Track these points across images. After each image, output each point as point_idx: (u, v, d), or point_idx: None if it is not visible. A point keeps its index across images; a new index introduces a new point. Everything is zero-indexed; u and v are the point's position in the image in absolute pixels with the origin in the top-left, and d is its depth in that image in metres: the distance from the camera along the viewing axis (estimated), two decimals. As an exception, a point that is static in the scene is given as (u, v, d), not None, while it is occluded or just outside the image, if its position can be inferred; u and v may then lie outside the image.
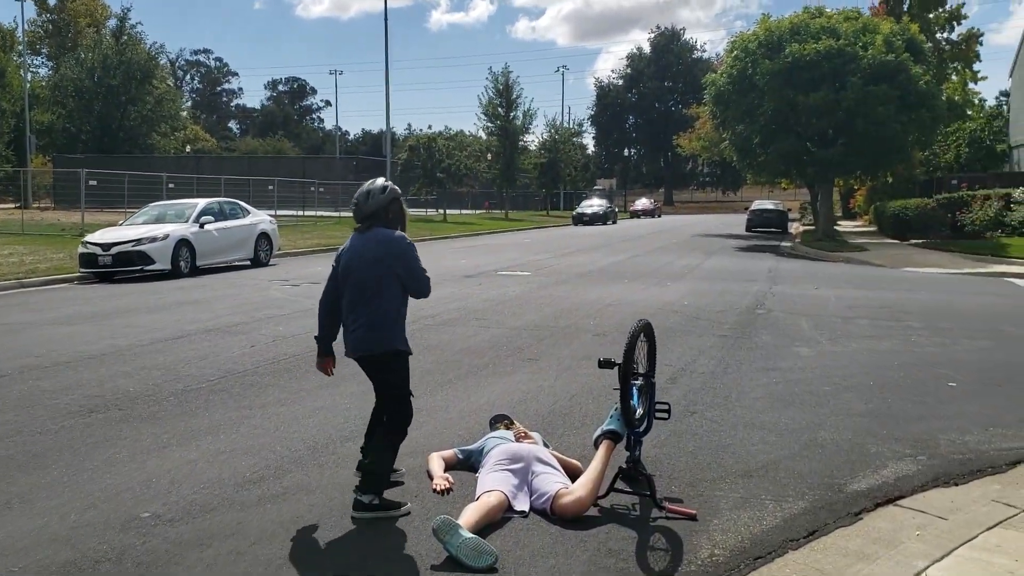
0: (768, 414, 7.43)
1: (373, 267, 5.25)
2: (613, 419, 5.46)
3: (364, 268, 5.26)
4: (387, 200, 5.32)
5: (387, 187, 5.35)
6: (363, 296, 5.25)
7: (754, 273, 20.58)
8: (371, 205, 5.30)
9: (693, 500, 5.36)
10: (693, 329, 11.78)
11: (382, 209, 5.31)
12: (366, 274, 5.24)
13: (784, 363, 9.61)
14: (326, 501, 5.23)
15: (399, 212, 5.40)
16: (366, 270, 5.25)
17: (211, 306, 13.81)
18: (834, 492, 5.59)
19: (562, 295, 15.45)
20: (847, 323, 12.61)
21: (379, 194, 5.32)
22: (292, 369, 8.90)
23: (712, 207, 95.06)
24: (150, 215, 21.45)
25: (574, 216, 54.97)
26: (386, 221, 5.32)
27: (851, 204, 58.61)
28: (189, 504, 5.15)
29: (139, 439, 6.45)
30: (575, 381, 8.44)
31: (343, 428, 6.80)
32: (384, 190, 5.33)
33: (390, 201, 5.33)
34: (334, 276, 5.40)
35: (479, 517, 4.71)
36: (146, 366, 8.98)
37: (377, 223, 5.32)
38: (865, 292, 16.77)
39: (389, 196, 5.34)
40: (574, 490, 5.02)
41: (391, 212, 5.34)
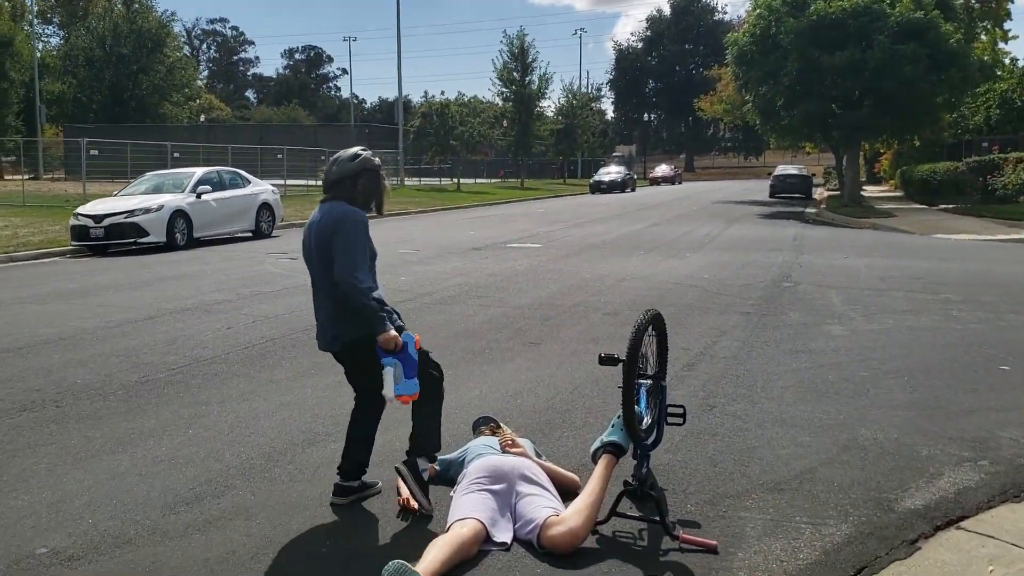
0: (799, 407, 6.47)
1: (323, 246, 4.47)
2: (615, 428, 4.52)
3: (317, 247, 4.51)
4: (355, 170, 4.57)
5: (358, 155, 4.61)
6: (318, 279, 4.57)
7: (779, 242, 19.50)
8: (335, 173, 4.58)
9: (713, 523, 4.43)
10: (713, 306, 10.79)
11: (348, 179, 4.57)
12: (317, 254, 4.52)
13: (815, 344, 8.63)
14: (268, 529, 4.33)
15: (371, 187, 4.62)
16: (317, 249, 4.51)
17: (197, 282, 12.94)
18: (883, 511, 4.63)
19: (572, 269, 14.47)
20: (881, 296, 11.58)
21: (347, 162, 4.59)
22: (265, 355, 8.00)
23: (734, 173, 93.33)
24: (147, 185, 20.59)
25: (591, 184, 53.79)
26: (352, 195, 4.55)
27: (876, 168, 57.05)
28: (100, 534, 4.26)
29: (67, 445, 5.57)
30: (579, 369, 7.49)
31: (308, 429, 5.90)
32: (354, 158, 4.60)
33: (359, 171, 4.57)
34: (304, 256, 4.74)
35: (447, 555, 3.80)
36: (104, 352, 8.11)
37: (341, 195, 4.55)
38: (897, 261, 15.70)
39: (359, 166, 4.58)
40: (566, 518, 4.08)
41: (360, 185, 4.58)
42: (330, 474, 5.02)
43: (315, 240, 4.51)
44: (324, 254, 4.46)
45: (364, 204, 4.59)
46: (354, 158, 4.58)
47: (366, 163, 4.59)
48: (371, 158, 4.63)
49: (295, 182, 38.85)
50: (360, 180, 4.55)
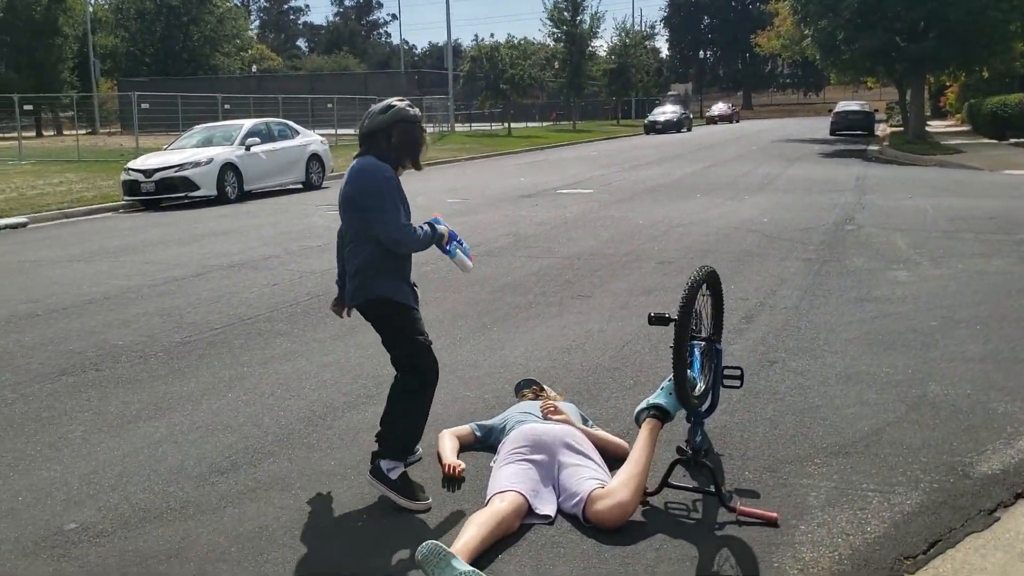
0: (865, 361, 6.11)
1: (345, 203, 4.23)
2: (664, 391, 4.23)
3: (341, 203, 4.26)
4: (388, 122, 4.19)
5: (392, 107, 4.22)
6: (346, 235, 4.32)
7: (840, 182, 18.81)
8: (368, 127, 4.24)
9: (773, 492, 4.14)
10: (773, 252, 10.37)
11: (381, 132, 4.20)
12: (343, 210, 4.26)
13: (880, 291, 8.21)
14: (303, 501, 4.15)
15: (407, 139, 4.23)
16: (342, 205, 4.26)
17: (245, 237, 12.84)
18: (957, 477, 4.30)
19: (625, 215, 14.07)
20: (949, 239, 11.04)
21: (378, 115, 4.21)
22: (310, 312, 7.84)
23: (793, 110, 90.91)
24: (197, 138, 20.51)
25: (646, 124, 52.78)
26: (386, 149, 4.21)
27: (942, 102, 54.98)
28: (131, 508, 4.12)
29: (104, 411, 5.46)
30: (630, 323, 7.20)
31: (350, 391, 5.71)
32: (386, 110, 4.21)
33: (393, 123, 4.18)
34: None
35: (486, 533, 3.58)
36: (148, 312, 8.02)
37: (374, 150, 4.22)
38: (966, 200, 15.01)
39: (392, 117, 4.19)
40: (613, 491, 3.83)
41: (394, 138, 4.20)
42: (371, 440, 4.81)
43: (342, 197, 4.24)
44: (345, 213, 4.23)
45: (399, 160, 4.24)
46: (386, 109, 4.21)
47: (400, 114, 4.20)
48: (406, 108, 4.23)
49: (346, 131, 38.68)
50: (394, 133, 4.19)
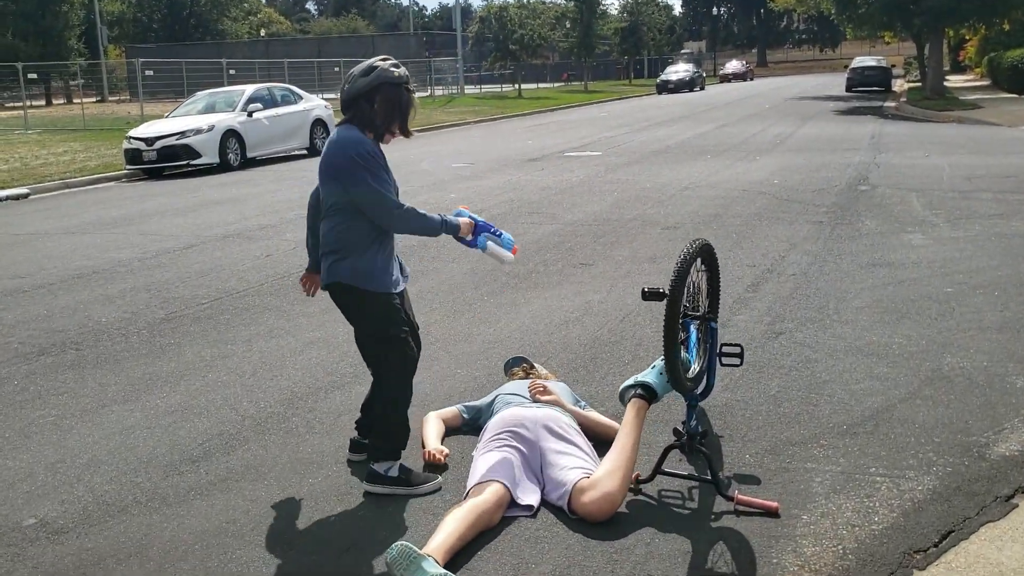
0: (876, 331, 5.82)
1: (324, 173, 3.84)
2: (655, 370, 3.95)
3: (321, 172, 3.87)
4: (371, 85, 3.75)
5: (374, 68, 3.77)
6: (319, 208, 3.95)
7: (855, 140, 18.36)
8: (348, 92, 3.79)
9: (775, 478, 3.89)
10: (783, 215, 10.04)
11: (363, 97, 3.77)
12: (322, 180, 3.87)
13: (894, 256, 7.89)
14: (276, 492, 3.92)
15: (392, 105, 3.80)
16: (321, 175, 3.87)
17: (243, 206, 12.59)
18: (972, 459, 4.03)
19: (632, 178, 13.72)
20: (966, 199, 10.67)
21: (359, 78, 3.77)
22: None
23: (809, 67, 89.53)
24: (199, 105, 20.22)
25: (658, 84, 52.00)
26: (369, 116, 3.79)
27: (961, 56, 53.91)
28: (95, 501, 3.91)
29: (79, 394, 5.24)
30: (631, 294, 6.91)
31: (335, 370, 5.48)
32: (369, 71, 3.76)
33: (376, 86, 3.75)
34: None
35: (464, 529, 3.33)
36: (135, 287, 7.79)
37: (357, 118, 3.81)
38: (984, 159, 14.57)
39: (375, 80, 3.75)
40: (598, 481, 3.57)
41: (378, 103, 3.77)
42: (352, 423, 4.59)
43: (320, 166, 3.86)
44: (324, 184, 3.84)
45: (385, 126, 3.83)
46: (368, 71, 3.76)
47: (383, 76, 3.74)
48: (390, 69, 3.78)
49: (354, 95, 38.34)
50: (378, 97, 3.76)
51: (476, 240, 4.04)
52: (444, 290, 7.21)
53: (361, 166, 3.70)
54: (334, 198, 3.81)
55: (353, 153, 3.72)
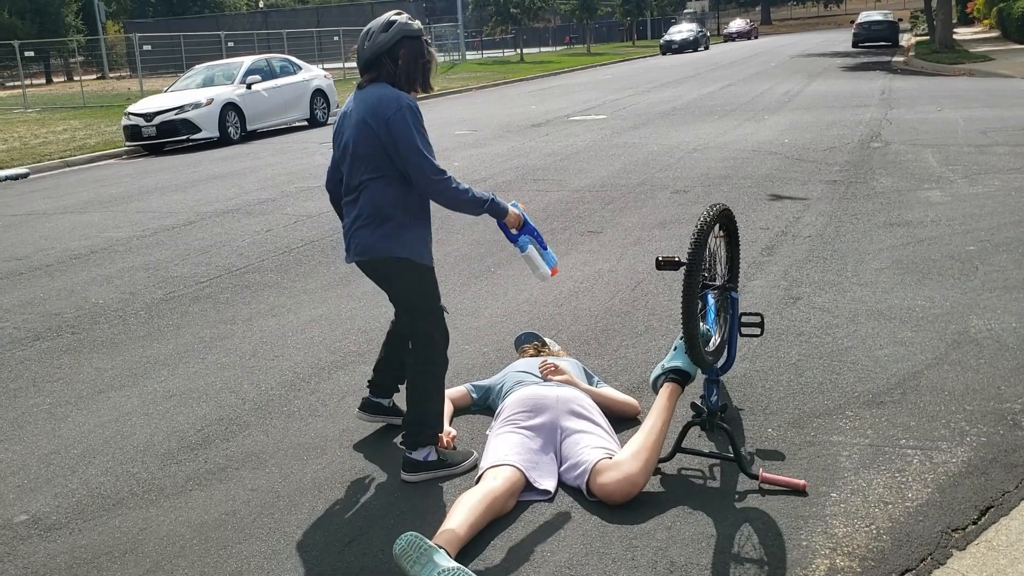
0: (898, 294, 5.61)
1: (360, 139, 3.54)
2: (678, 351, 3.75)
3: (352, 140, 3.58)
4: (391, 40, 3.55)
5: (392, 22, 3.58)
6: (352, 178, 3.62)
7: (865, 96, 18.00)
8: (368, 50, 3.57)
9: (800, 453, 3.70)
10: (795, 175, 9.78)
11: (385, 55, 3.56)
12: (354, 149, 3.57)
13: (912, 214, 7.65)
14: (277, 480, 3.74)
15: (415, 60, 3.62)
16: (354, 143, 3.57)
17: (243, 180, 12.36)
18: (1008, 428, 3.83)
19: (638, 142, 13.44)
20: (983, 153, 10.39)
21: (380, 33, 3.56)
22: (302, 261, 7.40)
23: (814, 24, 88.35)
24: (197, 79, 19.93)
25: (661, 44, 51.32)
26: (393, 73, 3.59)
27: (969, 8, 53.07)
28: (90, 494, 3.74)
29: (75, 380, 5.07)
30: (642, 261, 6.70)
31: (338, 348, 5.29)
32: (388, 26, 3.57)
33: (398, 40, 3.56)
34: (334, 150, 3.79)
35: (476, 517, 3.15)
36: (133, 266, 7.60)
37: (381, 77, 3.58)
38: (998, 112, 14.24)
39: (395, 35, 3.55)
40: (621, 462, 3.39)
41: (402, 59, 3.58)
42: (356, 405, 4.40)
43: (354, 135, 3.57)
44: (366, 149, 3.53)
45: (409, 83, 3.62)
46: (388, 26, 3.56)
47: (404, 29, 3.57)
48: (409, 23, 3.60)
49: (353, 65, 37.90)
50: (401, 53, 3.57)
51: (519, 238, 3.76)
52: (450, 262, 7.01)
53: (409, 122, 3.47)
54: (375, 162, 3.54)
55: (404, 105, 3.48)
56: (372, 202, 3.56)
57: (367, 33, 3.61)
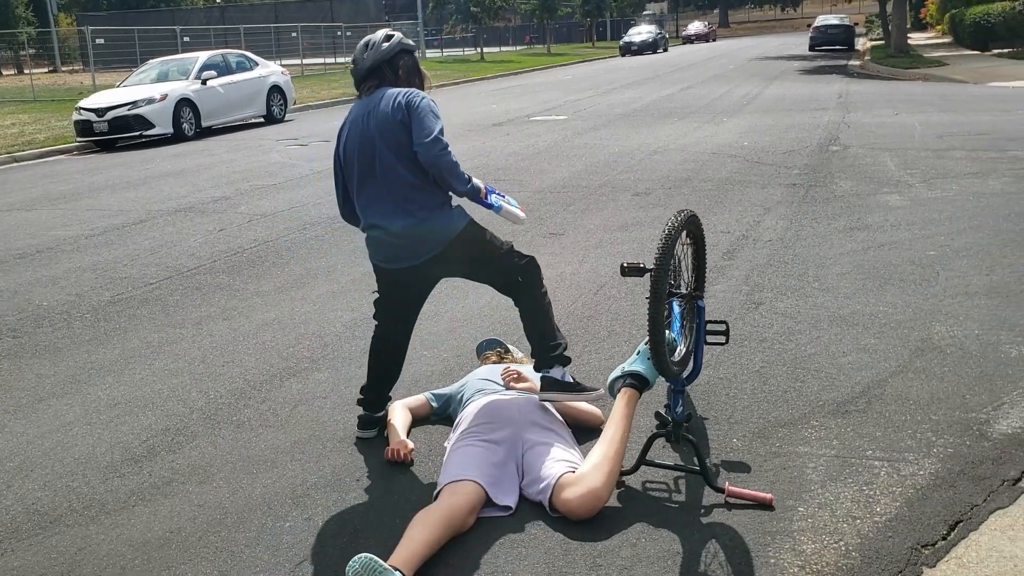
0: (860, 300, 5.57)
1: (391, 133, 3.64)
2: (640, 356, 3.65)
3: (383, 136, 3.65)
4: (392, 51, 3.81)
5: (392, 35, 3.87)
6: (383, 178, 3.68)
7: (822, 99, 18.12)
8: (369, 59, 3.79)
9: (765, 464, 3.61)
10: (755, 178, 9.76)
11: (386, 63, 3.81)
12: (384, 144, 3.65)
13: (872, 218, 7.65)
14: (225, 495, 3.58)
15: (413, 70, 3.89)
16: (384, 139, 3.65)
17: (196, 177, 12.09)
18: (974, 438, 3.78)
19: (599, 143, 13.37)
20: (940, 158, 10.46)
21: (381, 43, 3.82)
22: (255, 262, 7.20)
23: (772, 27, 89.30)
24: (151, 74, 19.53)
25: (621, 46, 51.49)
26: (395, 83, 3.81)
27: (922, 14, 53.89)
28: (25, 511, 3.54)
29: (15, 387, 4.85)
30: (605, 264, 6.61)
31: (291, 354, 5.12)
32: (388, 38, 3.84)
33: (397, 53, 3.83)
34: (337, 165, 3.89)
35: (433, 536, 3.02)
36: (80, 267, 7.35)
37: (382, 84, 3.80)
38: (953, 116, 14.39)
39: (395, 47, 3.83)
40: (583, 476, 3.28)
41: (401, 68, 3.84)
42: (309, 415, 4.28)
43: (379, 130, 3.64)
44: (393, 141, 3.63)
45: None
46: (388, 38, 3.83)
47: (403, 44, 3.86)
48: (405, 38, 3.91)
49: (311, 61, 37.45)
50: (400, 62, 3.83)
51: (490, 200, 3.83)
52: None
53: (430, 101, 3.68)
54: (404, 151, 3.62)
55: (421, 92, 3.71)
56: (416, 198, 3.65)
57: (367, 44, 3.82)
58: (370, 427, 4.02)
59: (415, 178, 3.64)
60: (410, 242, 3.69)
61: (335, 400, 4.41)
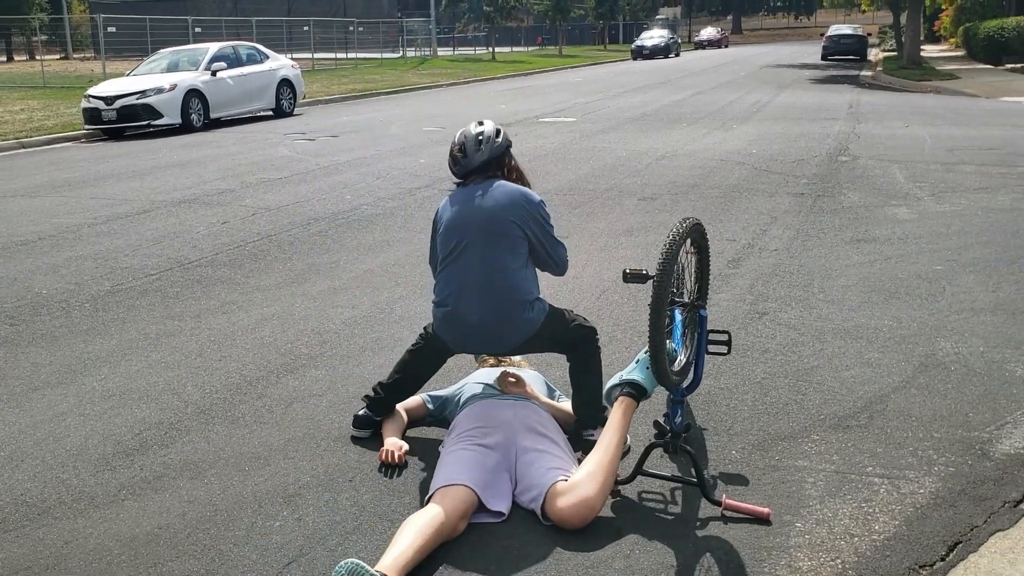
0: (864, 313, 5.51)
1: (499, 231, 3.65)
2: (639, 365, 3.60)
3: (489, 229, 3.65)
4: (504, 148, 3.84)
5: (500, 131, 3.86)
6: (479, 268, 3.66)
7: (833, 109, 18.05)
8: (483, 155, 3.77)
9: (764, 477, 3.57)
10: (762, 186, 9.71)
11: (496, 160, 3.81)
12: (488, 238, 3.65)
13: (879, 231, 7.59)
14: (216, 492, 3.54)
15: (518, 167, 3.94)
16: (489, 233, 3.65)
17: (202, 168, 12.06)
18: (976, 457, 3.73)
19: (607, 146, 13.33)
20: (950, 171, 10.40)
21: (494, 138, 3.80)
22: (258, 256, 7.16)
23: (784, 35, 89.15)
24: (161, 63, 19.52)
25: (632, 49, 51.45)
26: (504, 179, 3.82)
27: (936, 26, 53.73)
28: (14, 502, 3.50)
29: (10, 375, 4.81)
30: (608, 269, 6.57)
31: (289, 350, 5.08)
32: (498, 133, 3.84)
33: (505, 150, 3.86)
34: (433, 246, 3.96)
35: (423, 541, 2.97)
36: (81, 255, 7.32)
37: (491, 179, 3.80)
38: (965, 130, 14.32)
39: (505, 143, 3.85)
40: (577, 484, 3.23)
41: (507, 167, 3.85)
42: (304, 412, 4.24)
43: (487, 221, 3.64)
44: (498, 239, 3.64)
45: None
46: (498, 133, 3.83)
47: (508, 139, 3.89)
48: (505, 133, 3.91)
49: (323, 55, 37.43)
50: (506, 161, 3.86)
51: None
52: (410, 263, 6.82)
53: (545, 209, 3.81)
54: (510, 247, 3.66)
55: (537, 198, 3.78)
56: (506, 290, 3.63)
57: (480, 138, 3.77)
58: (366, 427, 3.97)
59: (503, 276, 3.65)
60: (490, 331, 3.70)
61: (331, 399, 4.37)
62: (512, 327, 3.66)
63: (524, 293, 3.66)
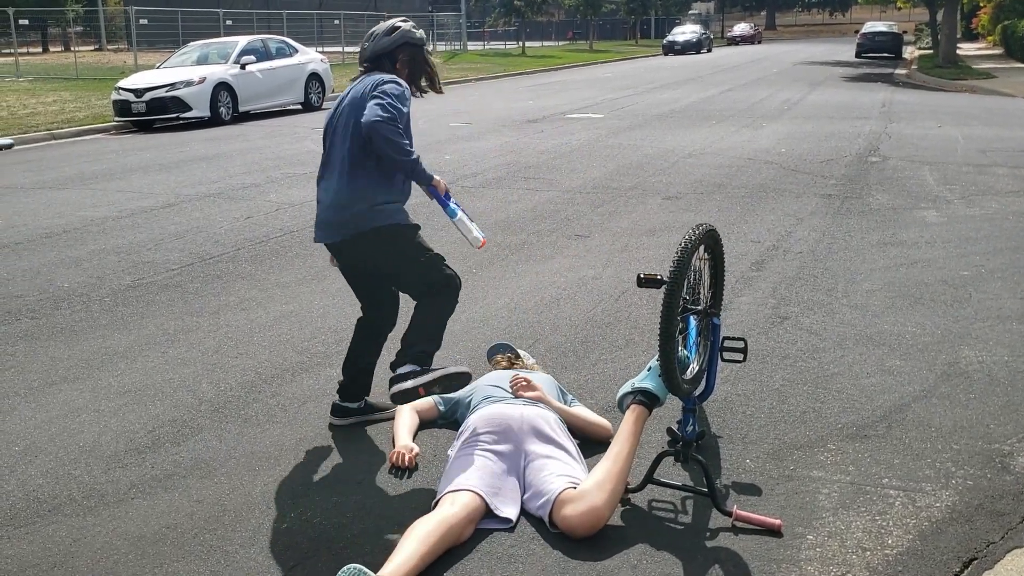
0: (888, 319, 5.42)
1: (356, 108, 3.72)
2: (652, 372, 3.55)
3: (348, 113, 3.79)
4: (394, 44, 3.89)
5: (396, 27, 3.92)
6: (333, 156, 3.85)
7: (865, 108, 17.82)
8: (370, 50, 3.92)
9: (777, 487, 3.51)
10: (790, 186, 9.60)
11: (386, 56, 3.90)
12: (345, 121, 3.79)
13: (907, 234, 7.47)
14: (225, 491, 3.54)
15: (415, 63, 3.95)
16: (347, 114, 3.79)
17: (229, 162, 12.11)
18: (995, 471, 3.65)
19: (634, 143, 13.24)
20: (982, 174, 10.23)
21: (383, 36, 3.90)
22: (279, 252, 7.18)
23: (818, 31, 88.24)
24: (191, 56, 19.63)
25: (664, 45, 51.09)
26: (392, 72, 3.86)
27: (974, 24, 52.94)
28: (25, 498, 3.53)
29: (28, 369, 4.85)
30: (629, 269, 6.51)
31: (306, 348, 5.08)
32: (392, 31, 3.90)
33: (399, 46, 3.89)
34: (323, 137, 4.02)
35: (427, 548, 2.95)
36: (104, 249, 7.37)
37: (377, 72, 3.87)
38: (999, 131, 14.08)
39: (398, 39, 3.89)
40: (586, 492, 3.19)
41: (399, 62, 3.91)
42: (317, 412, 4.24)
43: (348, 107, 3.78)
44: (348, 131, 3.75)
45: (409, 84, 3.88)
46: (391, 31, 3.89)
47: (406, 36, 3.89)
48: (412, 30, 3.93)
49: (353, 49, 37.47)
50: (400, 56, 3.90)
51: (449, 204, 3.91)
52: (430, 260, 6.79)
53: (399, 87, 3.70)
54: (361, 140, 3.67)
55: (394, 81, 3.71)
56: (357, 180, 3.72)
57: (372, 34, 3.92)
58: (342, 416, 4.08)
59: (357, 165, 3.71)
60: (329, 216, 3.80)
61: (344, 398, 4.36)
62: (344, 214, 3.74)
63: (366, 189, 3.72)
